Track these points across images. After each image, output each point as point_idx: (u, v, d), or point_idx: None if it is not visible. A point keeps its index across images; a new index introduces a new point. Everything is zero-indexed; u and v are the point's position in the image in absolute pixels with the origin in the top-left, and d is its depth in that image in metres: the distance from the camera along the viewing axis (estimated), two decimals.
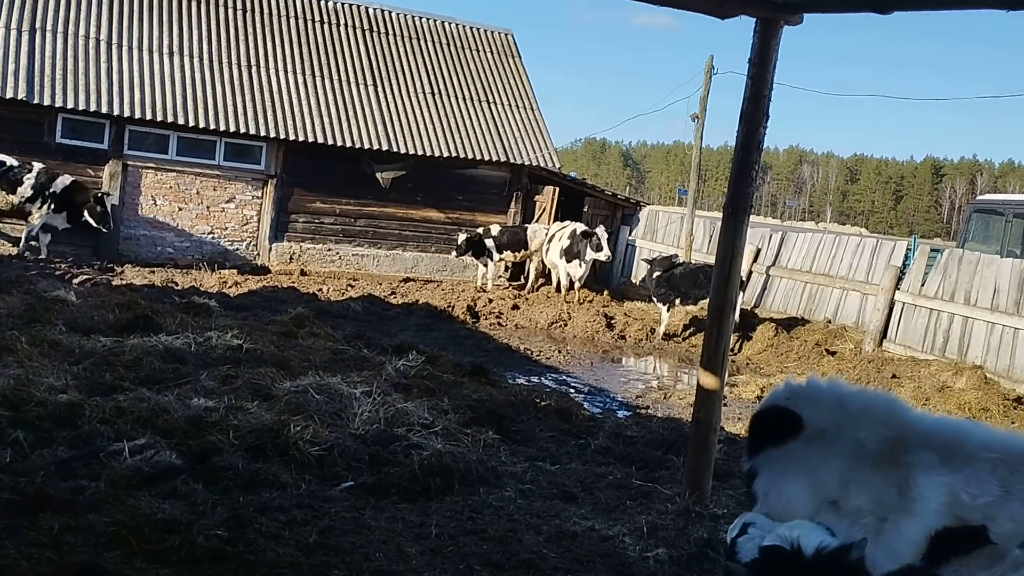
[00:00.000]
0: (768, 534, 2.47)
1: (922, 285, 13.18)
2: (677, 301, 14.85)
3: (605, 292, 17.89)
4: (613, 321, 15.23)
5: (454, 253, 18.18)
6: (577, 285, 17.04)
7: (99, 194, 16.02)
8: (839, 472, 2.65)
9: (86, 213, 15.84)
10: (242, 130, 17.29)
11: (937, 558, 2.43)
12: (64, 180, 15.74)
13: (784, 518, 2.71)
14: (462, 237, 17.96)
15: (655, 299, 15.07)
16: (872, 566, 2.43)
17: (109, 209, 16.07)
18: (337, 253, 18.66)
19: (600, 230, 16.83)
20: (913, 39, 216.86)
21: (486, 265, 18.17)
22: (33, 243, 15.96)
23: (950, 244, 25.24)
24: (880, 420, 2.70)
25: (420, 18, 21.14)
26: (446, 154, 18.79)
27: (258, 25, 19.15)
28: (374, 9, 20.68)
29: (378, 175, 18.49)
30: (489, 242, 18.02)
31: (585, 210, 20.31)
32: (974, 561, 2.35)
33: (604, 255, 16.67)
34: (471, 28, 21.59)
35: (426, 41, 20.76)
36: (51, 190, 15.62)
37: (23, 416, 5.90)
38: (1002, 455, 2.49)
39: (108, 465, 5.35)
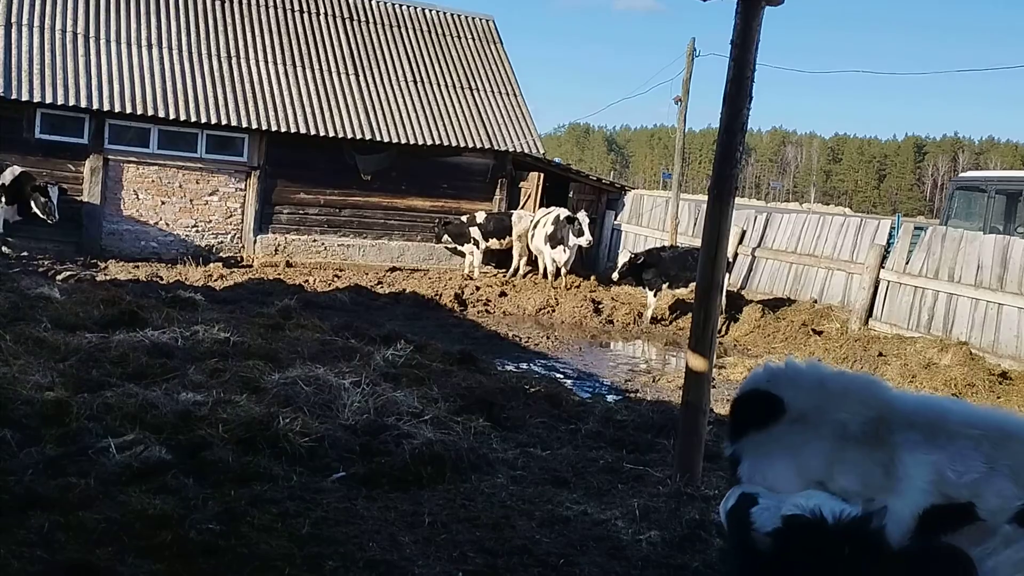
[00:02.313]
0: (784, 504, 2.47)
1: (906, 263, 13.26)
2: (665, 285, 14.90)
3: (592, 277, 17.91)
4: (600, 306, 15.26)
5: (435, 241, 18.58)
6: (563, 271, 17.04)
7: (43, 184, 15.52)
8: (823, 453, 2.66)
9: (32, 204, 15.41)
10: (223, 122, 17.17)
11: (926, 537, 2.44)
12: (13, 171, 15.32)
13: None
14: (440, 224, 18.35)
15: (644, 284, 15.09)
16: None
17: (55, 199, 15.53)
18: (322, 244, 18.59)
19: (582, 215, 16.82)
20: (892, 14, 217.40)
21: (471, 253, 18.17)
22: (11, 239, 15.80)
23: (933, 222, 25.39)
24: (861, 400, 2.71)
25: (400, 5, 21.02)
26: (429, 142, 18.73)
27: (237, 15, 19.00)
28: None
29: (360, 168, 18.44)
30: (474, 230, 18.00)
31: (570, 196, 20.31)
32: (963, 538, 2.36)
33: (586, 240, 16.67)
34: (452, 15, 21.50)
35: (406, 28, 20.66)
36: (0, 182, 15.22)
37: (10, 415, 5.85)
38: (984, 431, 2.50)
39: (97, 462, 5.32)
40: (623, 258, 15.21)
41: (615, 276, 15.32)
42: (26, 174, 15.50)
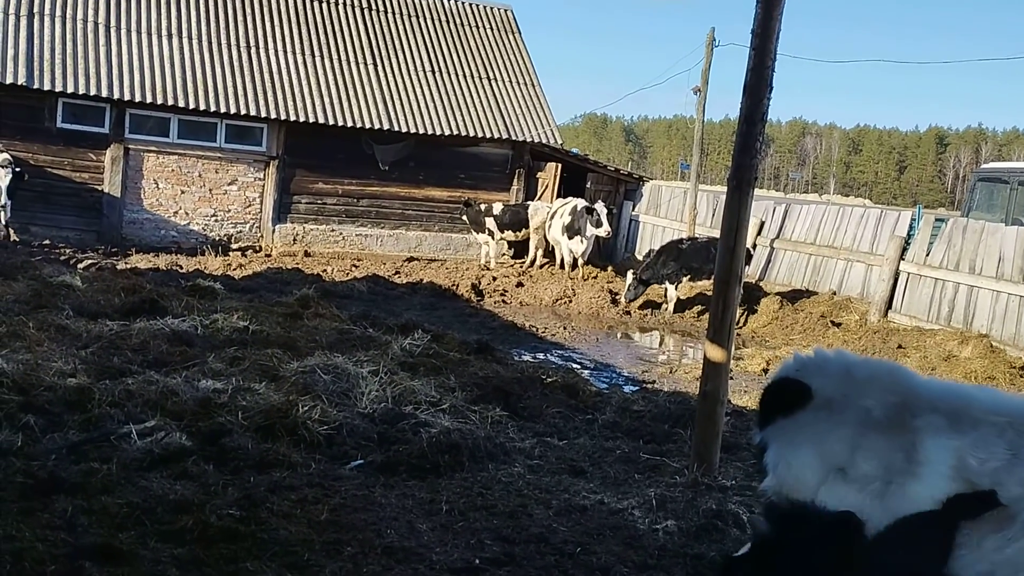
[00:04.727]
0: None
1: (927, 255, 13.15)
2: (686, 278, 14.79)
3: (609, 268, 17.89)
4: (618, 297, 15.23)
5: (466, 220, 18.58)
6: (580, 261, 17.04)
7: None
8: (846, 439, 2.66)
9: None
10: (243, 112, 17.25)
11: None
12: None
13: (794, 487, 2.72)
14: (464, 204, 18.41)
15: (665, 280, 14.86)
16: (877, 528, 2.44)
17: (4, 184, 14.83)
18: (340, 234, 18.66)
19: (599, 206, 16.79)
20: (914, 3, 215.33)
21: (487, 243, 18.20)
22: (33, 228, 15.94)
23: (954, 214, 25.15)
24: (886, 387, 2.71)
25: None
26: (447, 132, 18.74)
27: (256, 5, 19.06)
28: None
29: (378, 158, 18.50)
30: (490, 221, 18.01)
31: (588, 186, 20.26)
32: (984, 525, 2.35)
33: (604, 231, 16.65)
34: (470, 5, 21.46)
35: (425, 19, 20.65)
36: None
37: (33, 401, 5.93)
38: (1010, 418, 2.48)
39: (119, 448, 5.38)
40: (629, 278, 15.00)
41: (624, 302, 14.87)
42: (6, 159, 15.08)
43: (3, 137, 15.80)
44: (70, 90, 16.11)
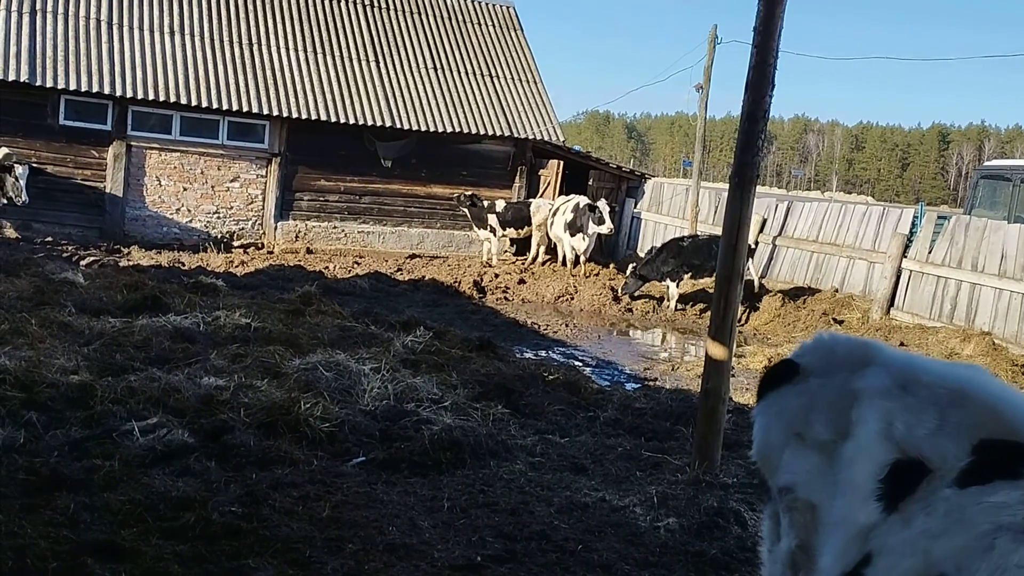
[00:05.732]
0: None
1: (929, 252, 13.15)
2: (687, 275, 14.79)
3: (611, 265, 17.88)
4: (620, 294, 15.23)
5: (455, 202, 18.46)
6: (582, 258, 17.04)
7: (10, 164, 14.82)
8: (806, 405, 2.77)
9: (8, 186, 14.91)
10: (244, 108, 17.25)
11: (891, 492, 2.43)
12: None
13: (765, 452, 2.87)
14: (465, 195, 18.22)
15: (666, 278, 14.87)
16: (822, 483, 2.54)
17: (23, 179, 14.78)
18: (342, 231, 18.66)
19: (602, 203, 16.79)
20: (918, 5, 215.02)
21: (488, 240, 18.19)
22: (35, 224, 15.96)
23: (957, 211, 25.12)
24: (856, 359, 2.79)
25: None
26: (449, 129, 18.73)
27: (258, 2, 19.05)
28: None
29: (381, 155, 18.50)
30: (492, 218, 18.01)
31: (590, 183, 20.26)
32: (916, 504, 2.34)
33: (607, 228, 16.65)
34: (472, 2, 21.45)
35: (427, 15, 20.64)
36: None
37: (36, 398, 5.94)
38: (950, 390, 2.49)
39: (121, 444, 5.39)
40: (628, 272, 15.05)
41: (621, 295, 14.95)
42: (7, 155, 15.01)
43: (5, 134, 15.81)
44: (72, 87, 16.10)
